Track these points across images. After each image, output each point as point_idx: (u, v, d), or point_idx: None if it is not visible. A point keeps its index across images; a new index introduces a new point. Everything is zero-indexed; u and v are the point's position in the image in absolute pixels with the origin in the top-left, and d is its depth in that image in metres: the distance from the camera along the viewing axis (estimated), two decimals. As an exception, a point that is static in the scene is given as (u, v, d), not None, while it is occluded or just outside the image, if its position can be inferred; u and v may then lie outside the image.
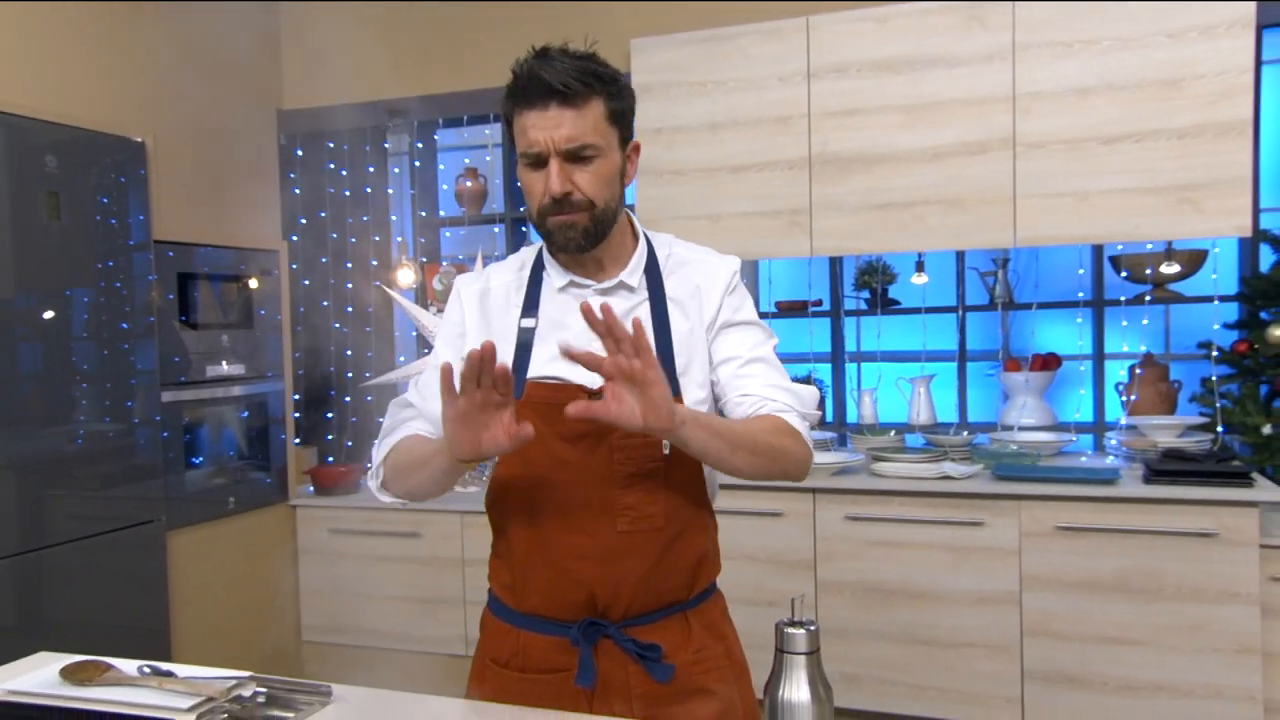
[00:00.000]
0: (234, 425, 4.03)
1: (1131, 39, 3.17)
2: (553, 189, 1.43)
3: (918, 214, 3.43)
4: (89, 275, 3.32)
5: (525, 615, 1.54)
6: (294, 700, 1.51)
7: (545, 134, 1.41)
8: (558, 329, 1.52)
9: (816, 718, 1.13)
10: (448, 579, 3.87)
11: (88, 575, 3.26)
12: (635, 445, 1.46)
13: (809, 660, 1.15)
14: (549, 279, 1.59)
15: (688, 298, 1.58)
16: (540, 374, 1.51)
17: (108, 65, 3.48)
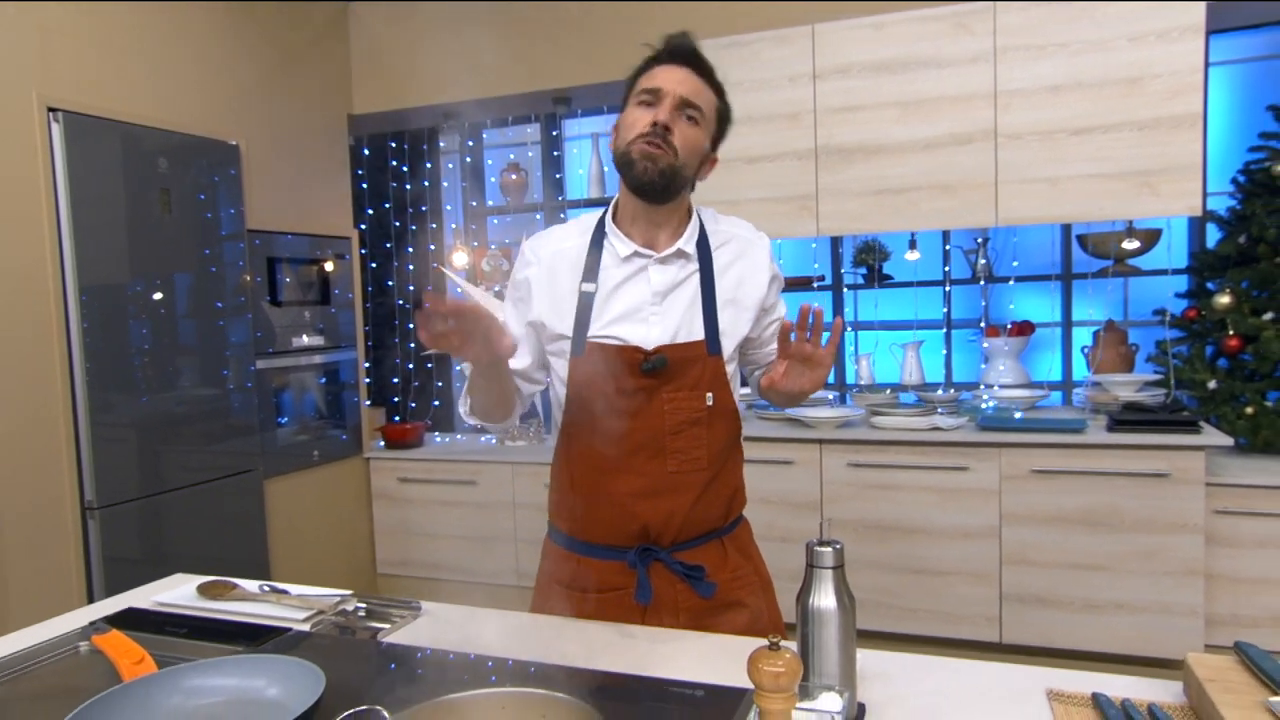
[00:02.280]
0: (314, 389, 4.17)
1: (1098, 42, 3.18)
2: (660, 116, 1.47)
3: (911, 198, 3.44)
4: (192, 261, 3.44)
5: (586, 544, 1.59)
6: (389, 613, 1.63)
7: (671, 83, 1.50)
8: (616, 294, 1.55)
9: (841, 622, 1.17)
10: (501, 520, 4.00)
11: (199, 516, 3.42)
12: (682, 399, 1.52)
13: (835, 574, 1.19)
14: (611, 247, 1.58)
15: (731, 267, 1.61)
16: (600, 334, 1.53)
17: (207, 79, 3.58)
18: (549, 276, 1.59)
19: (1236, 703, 1.11)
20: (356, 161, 4.50)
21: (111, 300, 3.13)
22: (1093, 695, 1.25)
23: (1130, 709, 1.20)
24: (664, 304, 1.55)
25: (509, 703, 1.07)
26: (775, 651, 0.96)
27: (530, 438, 4.23)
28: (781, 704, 0.96)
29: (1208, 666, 1.22)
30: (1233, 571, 3.06)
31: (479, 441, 4.40)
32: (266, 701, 1.20)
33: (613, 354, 1.52)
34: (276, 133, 3.92)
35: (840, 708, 1.12)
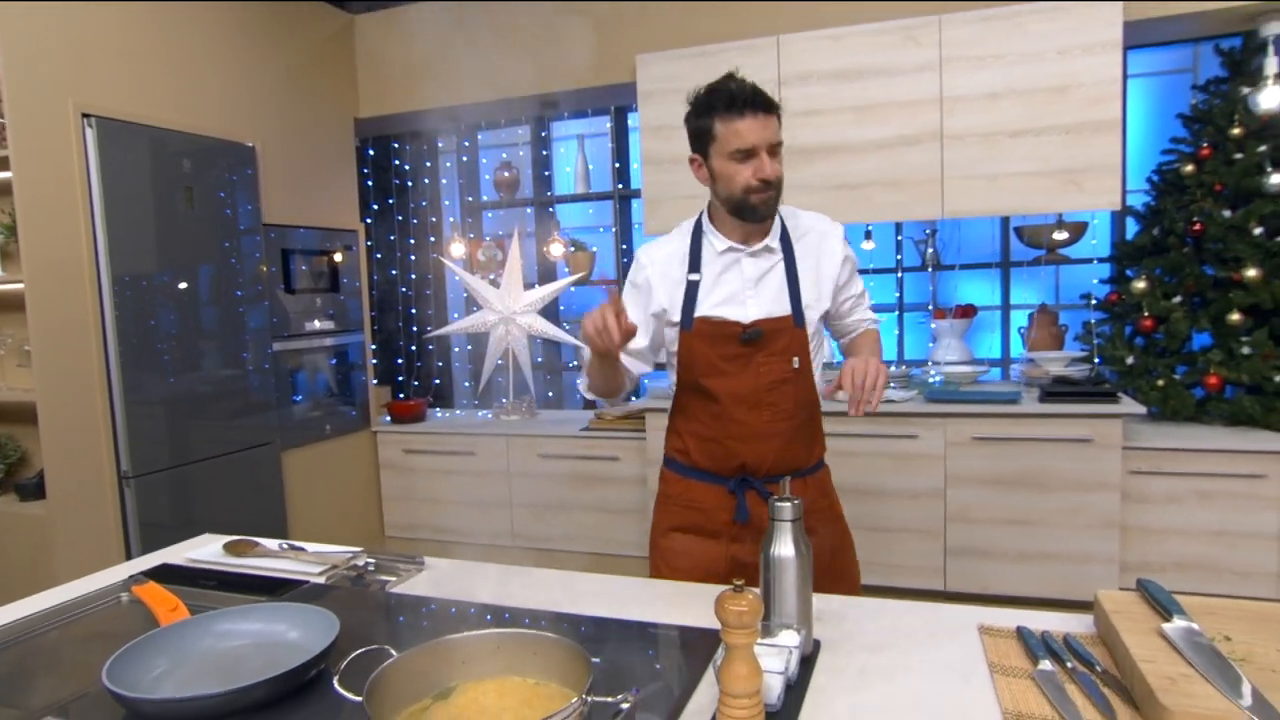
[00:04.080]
0: (326, 369, 4.16)
1: (1031, 55, 3.20)
2: (773, 173, 1.61)
3: (866, 193, 3.46)
4: (213, 253, 3.43)
5: (699, 470, 1.76)
6: (396, 567, 1.67)
7: (759, 134, 1.58)
8: (718, 282, 1.70)
9: (799, 568, 1.22)
10: (497, 487, 4.02)
11: (223, 484, 3.43)
12: (774, 363, 1.68)
13: (793, 526, 1.23)
14: (710, 244, 1.72)
15: (810, 255, 1.74)
16: (706, 313, 1.69)
17: (226, 86, 3.55)
18: (664, 272, 1.74)
19: (1135, 629, 1.16)
20: (362, 160, 4.48)
21: (141, 289, 3.12)
22: (1017, 629, 1.29)
23: (1048, 639, 1.25)
24: (757, 288, 1.70)
25: (503, 642, 1.09)
26: (739, 593, 1.00)
27: (523, 413, 4.25)
28: (745, 639, 0.99)
29: (1114, 600, 1.27)
30: (1144, 524, 3.14)
31: (476, 416, 4.42)
32: (288, 643, 1.23)
33: (718, 327, 1.69)
34: (289, 135, 3.89)
35: (797, 642, 1.16)
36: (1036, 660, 1.18)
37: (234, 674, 1.11)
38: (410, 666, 1.05)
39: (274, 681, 1.08)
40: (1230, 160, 3.29)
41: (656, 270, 1.74)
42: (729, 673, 1.00)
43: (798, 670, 1.16)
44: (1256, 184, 3.21)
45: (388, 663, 1.01)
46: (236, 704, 1.07)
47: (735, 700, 1.00)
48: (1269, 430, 3.16)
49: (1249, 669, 1.04)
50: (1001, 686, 1.13)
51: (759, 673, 1.01)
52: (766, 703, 1.05)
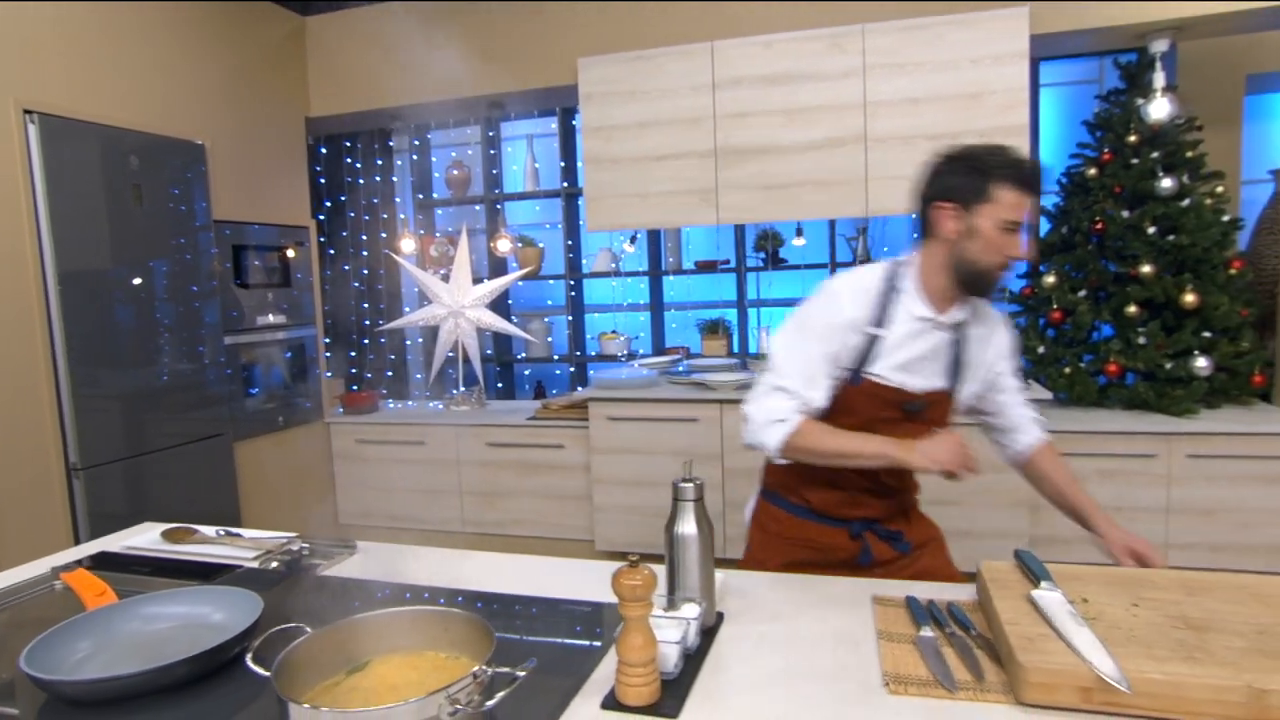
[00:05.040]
0: (280, 362, 4.10)
1: (948, 63, 3.26)
2: (1027, 254, 1.51)
3: (795, 192, 3.49)
4: (164, 249, 3.35)
5: (820, 514, 1.68)
6: (329, 551, 1.67)
7: (1027, 213, 1.47)
8: (902, 345, 1.57)
9: (700, 545, 1.25)
10: (447, 475, 4.00)
11: (176, 475, 3.36)
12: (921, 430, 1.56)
13: (696, 505, 1.26)
14: (903, 303, 1.57)
15: (980, 339, 1.63)
16: (879, 374, 1.57)
17: (174, 84, 3.46)
18: (848, 321, 1.56)
19: (1007, 595, 1.21)
20: (315, 159, 4.41)
21: (90, 285, 3.04)
22: (906, 598, 1.34)
23: (933, 607, 1.30)
24: (933, 360, 1.60)
25: (416, 618, 1.11)
26: (634, 568, 1.02)
27: (472, 403, 4.23)
28: (638, 611, 1.02)
29: (994, 570, 1.32)
30: (1053, 502, 3.24)
31: (428, 407, 4.39)
32: (212, 625, 1.23)
33: (888, 393, 1.58)
34: (239, 133, 3.81)
35: (696, 614, 1.19)
36: (920, 627, 1.23)
37: (157, 656, 1.10)
38: (324, 643, 1.06)
39: (193, 661, 1.08)
40: (1128, 165, 3.41)
41: (848, 321, 1.56)
42: (625, 643, 1.03)
43: (698, 640, 1.19)
44: (1150, 187, 3.33)
45: (299, 640, 1.02)
46: (156, 683, 1.07)
47: (631, 669, 1.03)
48: (1161, 414, 3.28)
49: (1098, 625, 1.10)
50: (885, 651, 1.17)
51: (654, 643, 1.04)
52: (663, 671, 1.08)
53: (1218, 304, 3.28)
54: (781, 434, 1.55)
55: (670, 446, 3.55)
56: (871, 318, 1.56)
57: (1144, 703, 0.97)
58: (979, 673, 1.09)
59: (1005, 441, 1.76)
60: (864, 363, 1.57)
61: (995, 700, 1.03)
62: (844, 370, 1.58)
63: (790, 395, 1.57)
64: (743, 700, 1.05)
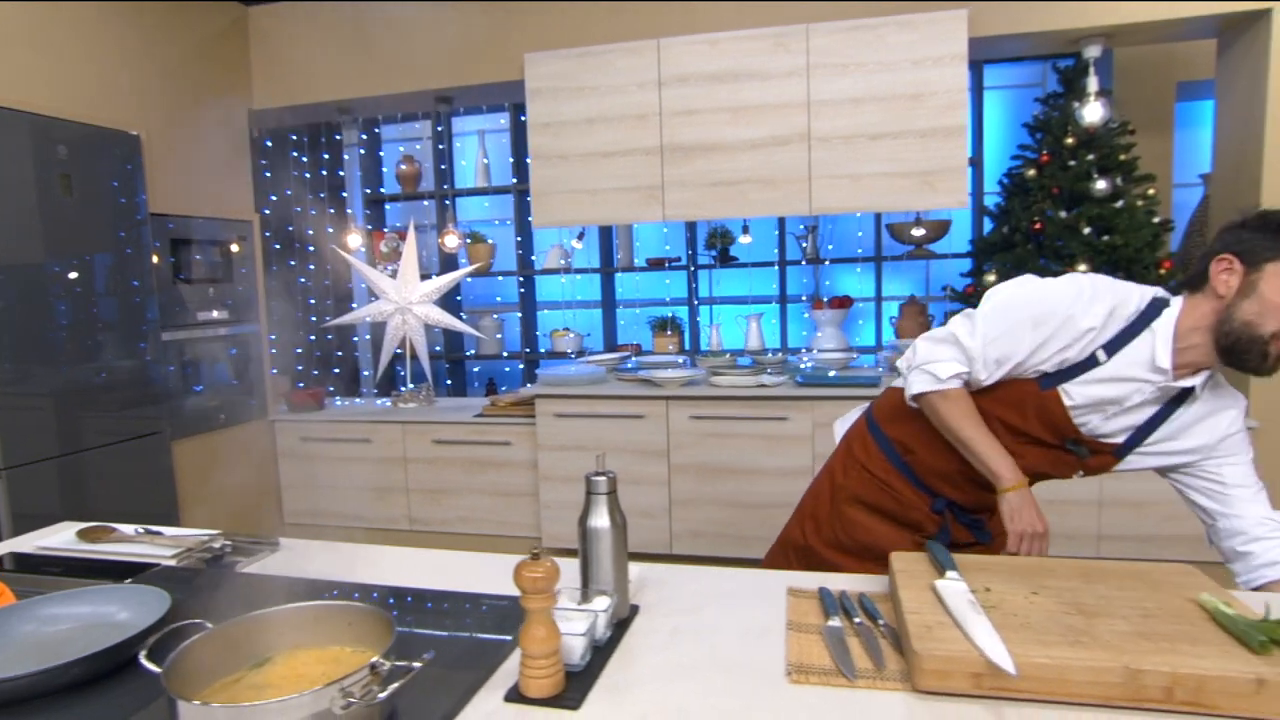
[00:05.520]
0: (224, 359, 4.03)
1: (889, 64, 3.30)
2: None
3: (740, 189, 3.51)
4: (97, 243, 3.27)
5: (912, 471, 1.63)
6: (251, 549, 1.64)
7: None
8: (1113, 382, 1.43)
9: (613, 538, 1.24)
10: (393, 473, 3.97)
11: (110, 475, 3.28)
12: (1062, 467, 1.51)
13: (609, 498, 1.25)
14: (1148, 343, 1.41)
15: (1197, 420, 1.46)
16: (1070, 394, 1.44)
17: (107, 74, 3.37)
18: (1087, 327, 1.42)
19: (913, 584, 1.24)
20: (259, 152, 4.33)
21: (18, 278, 2.95)
22: (819, 589, 1.37)
23: (844, 598, 1.32)
24: (1132, 413, 1.45)
25: (321, 613, 1.10)
26: (536, 561, 1.03)
27: (420, 400, 4.20)
28: (540, 603, 1.02)
29: (904, 560, 1.35)
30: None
31: (374, 404, 4.35)
32: (115, 624, 1.21)
33: (1062, 418, 1.45)
34: (179, 124, 3.72)
35: (605, 606, 1.20)
36: (829, 617, 1.25)
37: (54, 657, 1.07)
38: (225, 640, 1.05)
39: (88, 661, 1.06)
40: (1065, 166, 3.50)
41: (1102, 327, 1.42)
42: (527, 635, 1.03)
43: (608, 632, 1.20)
44: (1086, 188, 3.42)
45: (196, 637, 1.01)
46: (49, 685, 1.05)
47: (534, 661, 1.03)
48: (1097, 409, 3.37)
49: (997, 614, 1.13)
50: (792, 641, 1.19)
51: (557, 635, 1.05)
52: (569, 663, 1.09)
53: (1149, 303, 3.38)
54: (928, 387, 1.50)
55: (617, 443, 3.56)
56: (1109, 339, 1.42)
57: (1030, 686, 1.00)
58: (880, 661, 1.12)
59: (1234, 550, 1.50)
60: (1066, 377, 1.44)
61: (892, 688, 1.06)
62: (1039, 371, 1.47)
63: (966, 360, 1.48)
64: (645, 691, 1.06)
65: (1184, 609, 1.14)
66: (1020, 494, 1.43)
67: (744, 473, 3.46)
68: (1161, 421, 1.46)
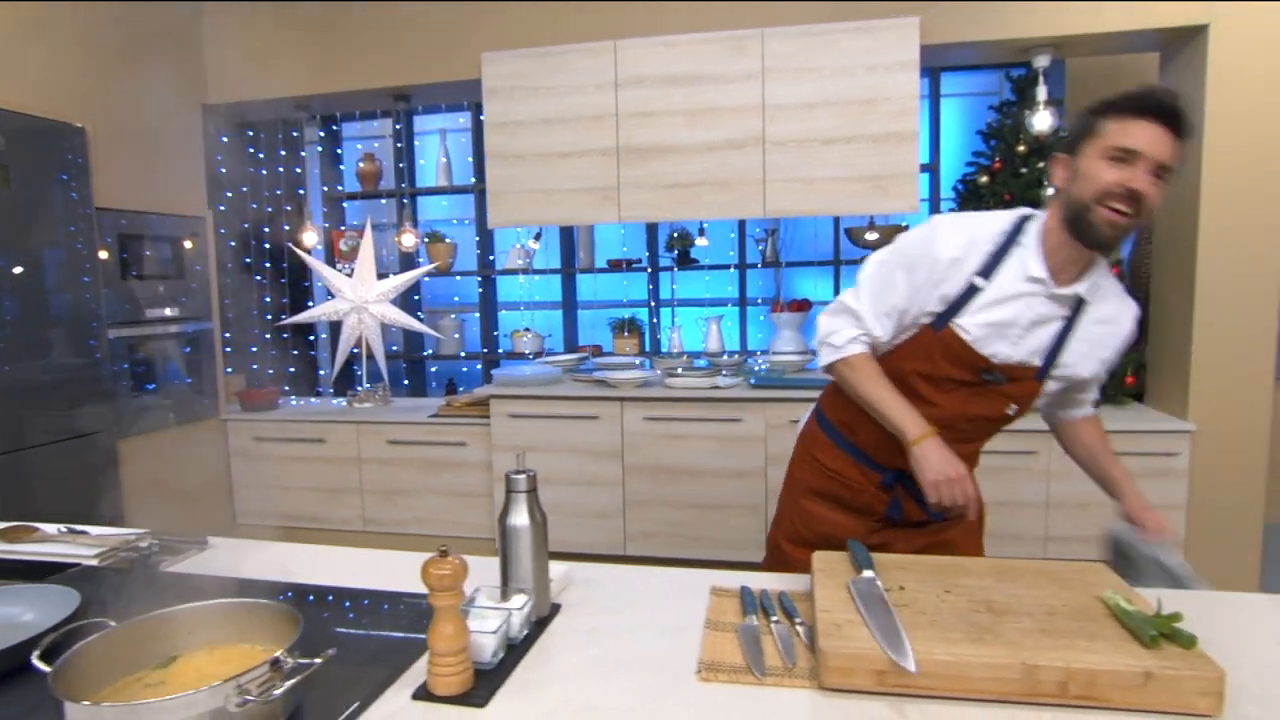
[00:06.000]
0: (176, 357, 3.96)
1: (843, 70, 3.33)
2: (1138, 183, 1.32)
3: (696, 192, 3.52)
4: (48, 238, 3.20)
5: (860, 451, 1.66)
6: (179, 548, 1.62)
7: (1150, 146, 1.31)
8: (1001, 305, 1.46)
9: (533, 536, 1.24)
10: (348, 474, 3.93)
11: (49, 475, 3.21)
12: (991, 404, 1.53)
13: (528, 496, 1.25)
14: (1019, 258, 1.45)
15: (1096, 325, 1.51)
16: (964, 328, 1.47)
17: (50, 65, 3.29)
18: (954, 259, 1.46)
19: (830, 583, 1.26)
20: (216, 148, 4.27)
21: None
22: (741, 588, 1.38)
23: (765, 597, 1.34)
24: (1030, 331, 1.48)
25: (230, 610, 1.09)
26: (444, 558, 1.03)
27: (376, 400, 4.17)
28: (448, 600, 1.03)
29: (824, 560, 1.37)
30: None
31: (330, 404, 4.30)
32: (20, 624, 1.19)
33: (965, 351, 1.49)
34: (128, 118, 3.64)
35: (521, 604, 1.20)
36: (746, 616, 1.27)
37: (-48, 657, 1.06)
38: (129, 638, 1.04)
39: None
40: (1017, 174, 3.56)
41: (954, 259, 1.46)
42: (435, 633, 1.03)
43: (524, 631, 1.20)
44: (1037, 196, 3.48)
45: (95, 636, 0.99)
46: (-57, 685, 1.03)
47: (441, 659, 1.04)
48: (1044, 413, 3.43)
49: (907, 612, 1.15)
50: (708, 640, 1.21)
51: (464, 633, 1.05)
52: (479, 661, 1.09)
53: (1095, 308, 3.45)
54: (832, 358, 1.58)
55: (572, 444, 3.56)
56: (979, 265, 1.46)
57: (931, 683, 1.02)
58: (791, 660, 1.13)
59: (1052, 414, 1.71)
60: (954, 312, 1.47)
61: (800, 685, 1.07)
62: (928, 314, 1.50)
63: (857, 321, 1.55)
64: (555, 689, 1.07)
65: (1088, 606, 1.17)
66: (924, 445, 1.45)
67: (697, 474, 3.47)
68: (1067, 335, 1.50)
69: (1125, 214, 1.34)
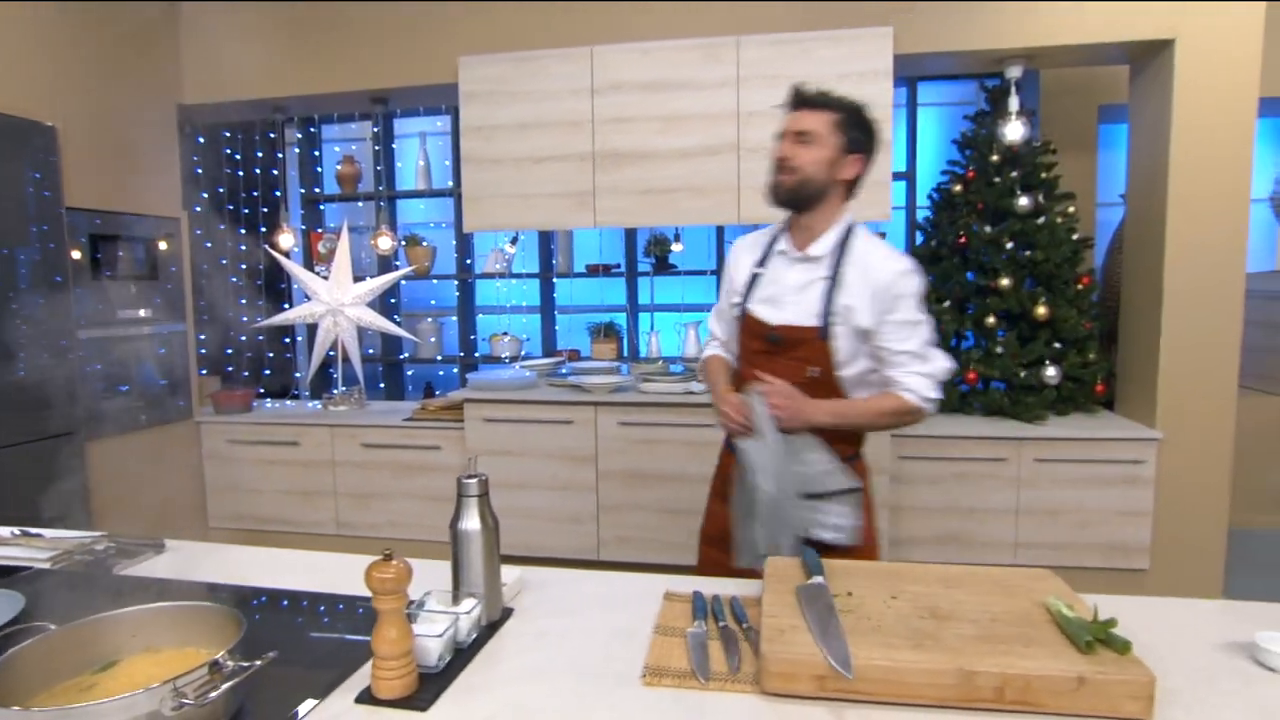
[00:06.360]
0: (149, 358, 3.92)
1: (816, 78, 3.17)
2: (784, 151, 1.74)
3: (672, 198, 3.53)
4: (20, 237, 3.15)
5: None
6: (136, 550, 1.62)
7: (789, 123, 1.75)
8: (771, 279, 1.81)
9: (484, 540, 1.26)
10: (322, 477, 3.91)
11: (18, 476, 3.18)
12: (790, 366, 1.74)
13: (480, 501, 1.27)
14: (779, 241, 1.83)
15: (862, 281, 1.69)
16: (751, 308, 1.82)
17: (20, 62, 3.27)
18: (740, 261, 1.89)
19: (779, 589, 1.26)
20: (192, 148, 4.25)
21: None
22: (694, 593, 1.39)
23: (716, 603, 1.35)
24: (799, 294, 1.76)
25: (174, 613, 1.09)
26: (387, 562, 1.03)
27: (352, 403, 4.16)
28: (392, 604, 1.03)
29: (776, 566, 1.38)
30: (911, 503, 3.39)
31: (305, 407, 4.28)
32: (-38, 627, 1.18)
33: (754, 324, 1.80)
34: (101, 117, 3.62)
35: (469, 608, 1.21)
36: (695, 621, 1.28)
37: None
38: (70, 642, 1.03)
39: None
40: (990, 183, 3.59)
41: (737, 260, 1.89)
42: (378, 636, 1.04)
43: (472, 635, 1.21)
44: (1009, 205, 3.52)
45: (33, 640, 0.99)
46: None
47: (384, 662, 1.04)
48: (1015, 420, 3.47)
49: (852, 618, 1.17)
50: (655, 645, 1.21)
51: (408, 637, 1.05)
52: (425, 664, 1.10)
53: (1066, 317, 3.49)
54: (701, 359, 2.02)
55: (546, 449, 3.56)
56: (758, 257, 1.85)
57: (870, 688, 1.03)
58: (736, 665, 1.14)
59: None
60: (746, 297, 1.83)
61: (742, 690, 1.08)
62: (736, 305, 1.85)
63: (711, 330, 2.01)
64: (499, 693, 1.07)
65: (1030, 612, 1.18)
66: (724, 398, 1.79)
67: (671, 479, 3.48)
68: (833, 293, 1.72)
69: (781, 175, 1.74)
